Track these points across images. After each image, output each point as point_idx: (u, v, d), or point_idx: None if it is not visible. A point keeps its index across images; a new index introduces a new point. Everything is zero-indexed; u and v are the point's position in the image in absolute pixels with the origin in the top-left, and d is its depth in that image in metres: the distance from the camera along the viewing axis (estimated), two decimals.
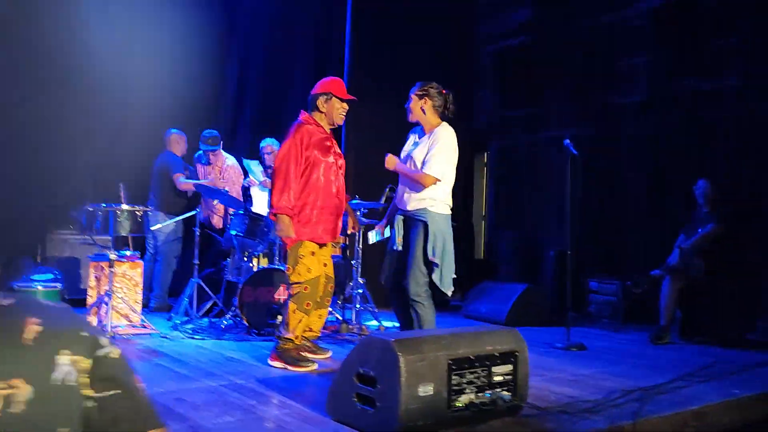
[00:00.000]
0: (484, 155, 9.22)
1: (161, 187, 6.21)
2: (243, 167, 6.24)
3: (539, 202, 7.92)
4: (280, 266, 5.06)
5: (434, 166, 3.81)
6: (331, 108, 4.00)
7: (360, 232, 5.58)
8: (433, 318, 3.88)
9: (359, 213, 5.38)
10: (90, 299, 4.92)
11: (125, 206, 4.57)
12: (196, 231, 5.45)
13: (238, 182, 6.21)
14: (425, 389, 2.54)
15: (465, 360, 2.68)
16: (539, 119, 8.06)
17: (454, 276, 3.89)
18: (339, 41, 7.52)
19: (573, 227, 5.23)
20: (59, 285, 5.13)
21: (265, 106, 7.60)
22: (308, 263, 3.85)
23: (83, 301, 5.07)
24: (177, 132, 6.32)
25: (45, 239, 5.98)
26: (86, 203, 4.96)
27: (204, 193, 5.81)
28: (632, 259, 6.87)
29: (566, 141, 5.07)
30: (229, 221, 5.54)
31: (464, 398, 2.67)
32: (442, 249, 3.80)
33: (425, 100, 3.94)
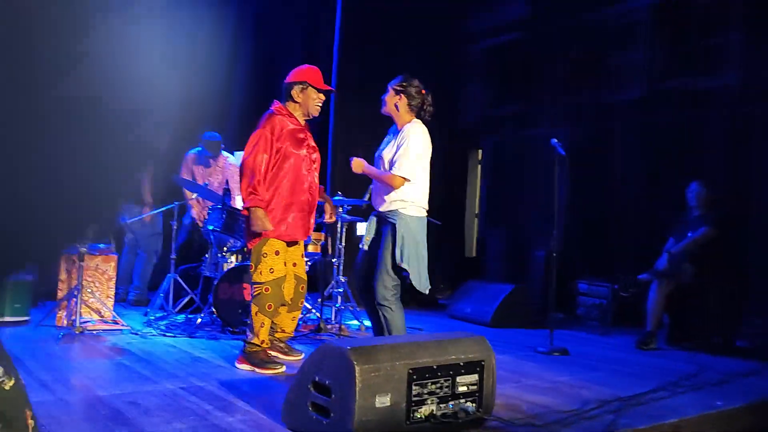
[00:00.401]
0: (478, 152, 9.08)
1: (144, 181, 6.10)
2: None
3: (530, 201, 7.78)
4: None
5: (402, 166, 3.64)
6: (307, 98, 3.83)
7: (343, 230, 5.45)
8: (402, 322, 3.73)
9: (341, 210, 5.25)
10: (60, 293, 4.80)
11: None
12: (173, 225, 5.32)
13: None
14: (382, 400, 2.41)
15: (427, 370, 2.54)
16: (531, 117, 7.93)
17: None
18: (328, 36, 7.37)
19: (559, 228, 5.08)
20: (30, 277, 5.02)
21: (253, 101, 7.46)
22: (271, 263, 3.69)
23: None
24: None
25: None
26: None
27: (184, 186, 5.69)
28: (624, 261, 6.73)
29: (554, 141, 4.93)
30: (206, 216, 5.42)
31: (425, 410, 2.54)
32: (414, 253, 3.63)
33: (401, 97, 3.77)
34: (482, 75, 8.59)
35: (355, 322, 5.47)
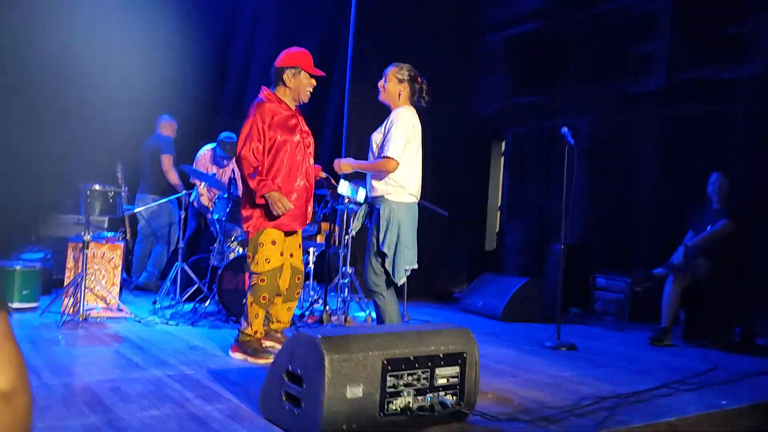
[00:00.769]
0: (501, 144, 8.95)
1: (151, 170, 6.13)
2: None
3: (550, 193, 7.62)
4: None
5: (391, 148, 3.60)
6: (299, 83, 3.76)
7: (351, 220, 5.39)
8: (395, 310, 3.67)
9: (348, 200, 5.19)
10: (67, 280, 4.84)
11: (96, 187, 4.45)
12: (180, 214, 5.33)
13: None
14: (354, 391, 2.35)
15: (403, 360, 2.47)
16: (552, 107, 7.76)
17: (414, 267, 3.68)
18: (344, 25, 7.31)
19: (569, 220, 4.94)
20: (39, 265, 5.08)
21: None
22: (267, 253, 3.65)
23: None
24: (167, 118, 6.27)
25: (43, 219, 5.92)
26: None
27: (192, 175, 5.70)
28: (645, 255, 6.54)
29: (563, 129, 4.80)
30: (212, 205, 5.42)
31: (400, 402, 2.46)
32: (396, 239, 3.59)
33: (405, 86, 3.76)
34: (502, 65, 8.43)
35: (362, 314, 5.42)
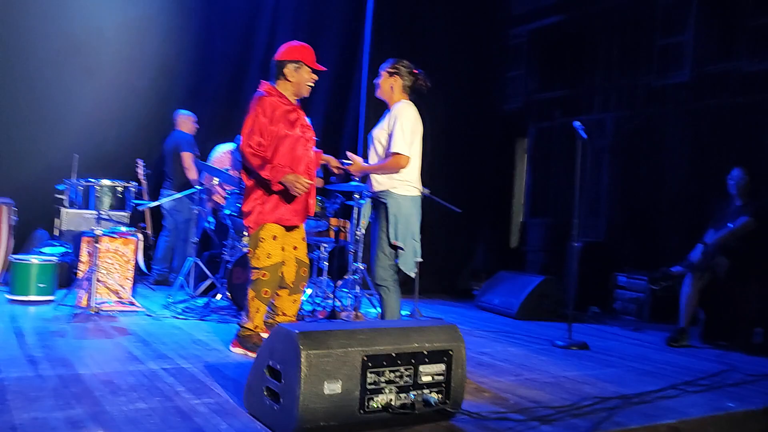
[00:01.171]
0: (525, 140, 8.82)
1: (173, 167, 6.23)
2: None
3: (574, 190, 7.48)
4: None
5: (400, 144, 3.64)
6: (300, 78, 3.72)
7: (361, 216, 5.37)
8: (397, 305, 3.67)
9: (360, 196, 5.16)
10: (81, 274, 4.91)
11: (105, 181, 4.51)
12: (193, 209, 5.37)
13: None
14: (332, 387, 2.32)
15: (384, 357, 2.43)
16: (577, 102, 7.62)
17: (420, 259, 3.70)
18: (360, 19, 7.28)
19: (579, 217, 4.84)
20: (56, 259, 5.17)
21: None
22: (268, 248, 3.64)
23: None
24: (185, 112, 6.34)
25: (61, 213, 6.06)
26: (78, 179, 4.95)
27: (205, 171, 5.74)
28: (671, 253, 6.37)
29: (576, 123, 4.70)
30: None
31: (381, 399, 2.42)
32: (406, 232, 3.61)
33: (395, 78, 3.81)
34: (526, 60, 8.32)
35: (374, 310, 5.39)
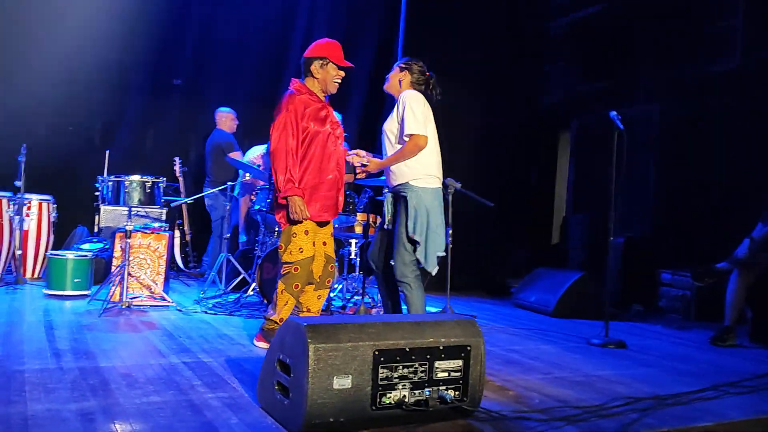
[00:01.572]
0: (568, 134, 8.61)
1: (213, 165, 6.28)
2: None
3: (618, 184, 7.26)
4: None
5: (413, 125, 3.60)
6: (327, 75, 3.71)
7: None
8: (421, 302, 3.58)
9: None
10: (114, 269, 4.97)
11: (134, 177, 4.54)
12: (225, 204, 5.39)
13: None
14: (342, 382, 2.24)
15: (398, 352, 2.35)
16: (621, 93, 7.37)
17: (442, 254, 3.60)
18: (397, 17, 7.20)
19: (610, 212, 4.66)
20: (92, 254, 5.25)
21: None
22: (301, 243, 3.61)
23: None
24: (225, 110, 6.37)
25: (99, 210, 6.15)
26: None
27: (236, 167, 5.76)
28: (720, 250, 6.11)
29: (612, 113, 4.52)
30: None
31: (394, 395, 2.34)
32: (426, 225, 3.53)
33: (405, 74, 3.81)
34: (566, 51, 8.10)
35: (403, 307, 5.29)
